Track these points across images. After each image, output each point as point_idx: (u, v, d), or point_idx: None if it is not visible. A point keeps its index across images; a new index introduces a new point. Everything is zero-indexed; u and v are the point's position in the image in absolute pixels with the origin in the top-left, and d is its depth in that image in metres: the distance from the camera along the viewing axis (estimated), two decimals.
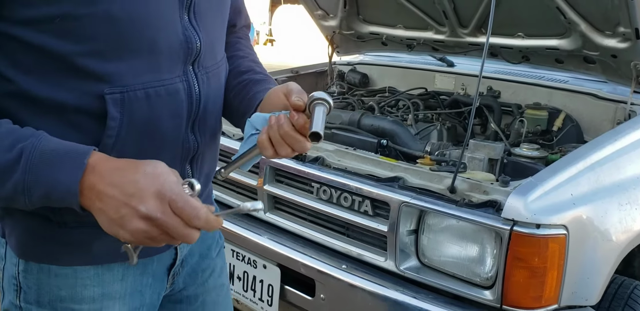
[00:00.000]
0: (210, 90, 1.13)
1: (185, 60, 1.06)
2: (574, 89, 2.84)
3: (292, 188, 2.29)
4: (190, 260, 1.29)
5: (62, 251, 1.07)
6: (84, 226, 1.03)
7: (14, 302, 1.11)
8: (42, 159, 0.86)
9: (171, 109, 1.04)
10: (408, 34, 3.34)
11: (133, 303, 1.16)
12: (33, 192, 0.86)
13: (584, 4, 2.49)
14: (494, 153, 2.14)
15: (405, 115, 2.94)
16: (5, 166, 0.85)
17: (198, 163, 1.16)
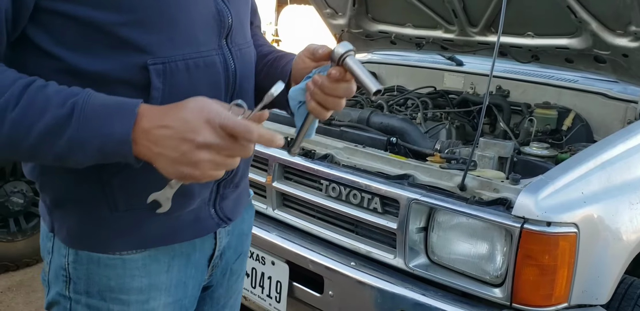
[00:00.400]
0: (244, 66, 1.16)
1: (219, 33, 1.09)
2: (584, 88, 2.83)
3: (301, 185, 2.29)
4: (227, 253, 1.31)
5: (114, 236, 1.09)
6: (134, 208, 1.07)
7: (63, 293, 1.13)
8: (94, 112, 0.88)
9: (209, 81, 1.08)
10: (417, 33, 3.34)
11: (177, 294, 1.19)
12: (87, 146, 0.88)
13: (595, 3, 2.48)
14: (504, 151, 2.13)
15: (414, 114, 2.94)
16: (59, 121, 0.87)
17: None
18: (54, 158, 0.91)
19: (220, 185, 1.19)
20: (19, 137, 0.88)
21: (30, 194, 3.47)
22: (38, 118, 0.87)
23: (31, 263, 3.58)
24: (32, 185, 3.47)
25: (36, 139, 0.88)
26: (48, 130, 0.87)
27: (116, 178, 1.05)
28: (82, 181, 1.05)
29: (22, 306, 3.20)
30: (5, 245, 3.41)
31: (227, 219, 1.23)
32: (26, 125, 0.87)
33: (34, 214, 3.54)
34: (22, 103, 0.87)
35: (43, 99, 0.88)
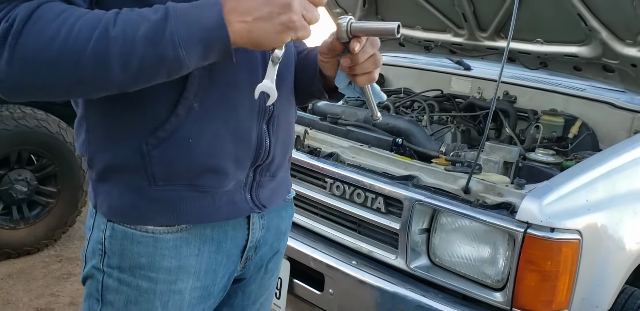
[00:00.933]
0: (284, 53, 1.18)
1: None
2: (592, 97, 2.83)
3: (306, 183, 2.29)
4: (263, 248, 1.33)
5: (151, 210, 1.13)
6: (173, 183, 1.12)
7: (97, 266, 1.18)
8: (183, 10, 0.94)
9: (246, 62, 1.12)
10: (426, 36, 3.34)
11: (206, 280, 1.22)
12: (188, 43, 0.93)
13: (606, 12, 2.48)
14: (509, 156, 2.14)
15: (420, 116, 2.94)
16: (158, 24, 0.92)
17: (274, 125, 1.21)
18: (159, 63, 0.94)
19: (256, 171, 1.22)
20: (125, 52, 0.91)
21: (34, 182, 3.48)
22: (138, 28, 0.92)
23: (32, 252, 3.60)
24: (36, 173, 3.49)
25: (142, 46, 0.91)
26: (150, 33, 0.91)
27: (156, 150, 1.09)
28: (124, 153, 1.11)
29: (22, 293, 3.21)
30: (7, 232, 3.42)
31: (262, 206, 1.25)
32: (130, 37, 0.91)
33: (37, 202, 3.55)
34: (119, 22, 0.92)
35: (137, 15, 0.93)
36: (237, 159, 1.16)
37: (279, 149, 1.25)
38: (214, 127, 1.11)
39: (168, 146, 1.09)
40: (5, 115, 3.30)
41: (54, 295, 3.23)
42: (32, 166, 3.50)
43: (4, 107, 3.34)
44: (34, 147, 3.43)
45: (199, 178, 1.13)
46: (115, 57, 0.91)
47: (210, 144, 1.11)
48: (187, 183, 1.13)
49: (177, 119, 1.08)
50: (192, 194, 1.14)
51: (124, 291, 1.17)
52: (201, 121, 1.10)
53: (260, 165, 1.22)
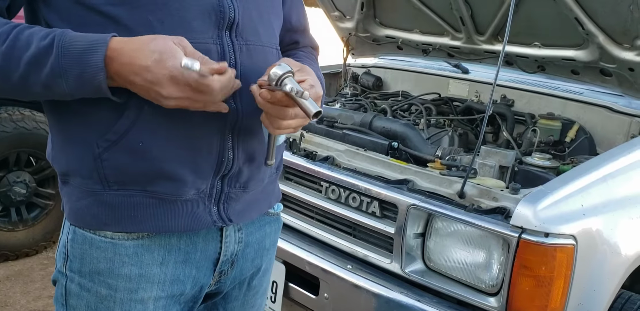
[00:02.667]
0: (252, 63, 1.17)
1: (217, 24, 1.11)
2: (589, 101, 2.82)
3: (301, 186, 2.30)
4: (240, 263, 1.30)
5: (106, 214, 1.12)
6: (126, 188, 1.10)
7: (61, 270, 1.18)
8: (71, 43, 0.96)
9: None
10: (424, 39, 3.34)
11: (172, 290, 1.19)
12: (69, 73, 0.96)
13: (603, 16, 2.48)
14: (505, 161, 2.13)
15: (417, 119, 2.94)
16: (42, 51, 0.96)
17: (240, 135, 1.17)
18: (42, 87, 0.98)
19: (223, 182, 1.18)
20: (10, 69, 0.96)
21: (32, 184, 3.48)
22: (25, 50, 0.96)
23: (30, 254, 3.60)
24: (35, 175, 3.49)
25: (25, 69, 0.96)
26: (34, 59, 0.96)
27: (107, 153, 1.08)
28: (78, 156, 1.10)
29: (20, 295, 3.21)
30: (5, 234, 3.42)
31: (227, 220, 1.21)
32: (16, 56, 0.96)
33: (36, 204, 3.55)
34: (11, 38, 0.96)
35: (28, 35, 0.97)
36: (195, 166, 1.12)
37: (248, 160, 1.20)
38: (167, 132, 1.09)
39: (119, 149, 1.08)
40: (3, 117, 3.30)
41: (52, 297, 3.22)
42: (31, 168, 3.50)
43: (3, 109, 3.34)
44: (32, 149, 3.43)
45: (154, 184, 1.10)
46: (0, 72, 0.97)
47: (163, 148, 1.09)
48: (141, 188, 1.11)
49: (127, 121, 1.07)
50: (147, 200, 1.11)
51: (85, 297, 1.15)
52: (152, 124, 1.07)
53: (226, 175, 1.18)
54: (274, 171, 1.34)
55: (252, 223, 1.31)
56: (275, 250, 1.44)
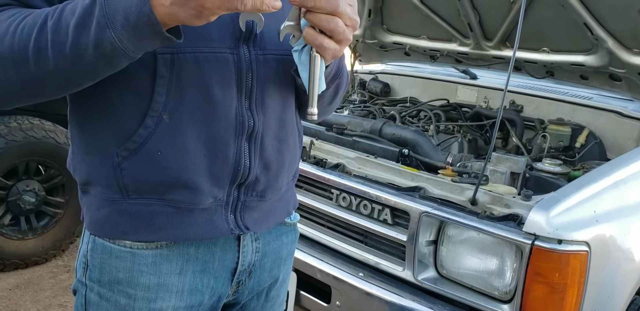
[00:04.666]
0: (269, 71, 1.15)
1: (234, 34, 1.10)
2: (598, 106, 2.82)
3: (312, 194, 2.29)
4: (258, 273, 1.29)
5: (126, 224, 1.12)
6: (145, 196, 1.10)
7: (81, 279, 1.18)
8: None
9: (219, 76, 1.09)
10: (432, 45, 3.35)
11: (191, 300, 1.18)
12: (114, 21, 0.89)
13: (612, 21, 2.48)
14: (516, 167, 2.13)
15: (426, 126, 2.94)
16: (87, 10, 0.91)
17: (257, 143, 1.16)
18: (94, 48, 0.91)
19: (240, 190, 1.18)
20: (60, 39, 0.91)
21: (42, 193, 3.49)
22: (71, 17, 0.91)
23: (40, 262, 3.61)
24: (44, 184, 3.50)
25: (74, 34, 0.91)
26: (80, 21, 0.91)
27: (126, 162, 1.08)
28: (98, 165, 1.10)
29: (30, 304, 3.21)
30: (15, 243, 3.43)
31: (244, 228, 1.20)
32: (64, 26, 0.91)
33: (45, 213, 3.56)
34: (58, 12, 0.93)
35: (73, 4, 0.93)
36: (212, 175, 1.12)
37: (265, 169, 1.19)
38: (184, 141, 1.09)
39: (137, 158, 1.08)
40: (13, 126, 3.31)
41: (62, 305, 3.23)
42: (40, 176, 3.51)
43: (12, 118, 3.36)
44: (42, 158, 3.44)
45: (171, 193, 1.10)
46: (51, 46, 0.91)
47: (181, 158, 1.09)
48: (159, 197, 1.10)
49: (146, 131, 1.07)
50: (165, 209, 1.11)
51: (104, 306, 1.15)
52: (171, 133, 1.08)
53: (242, 183, 1.17)
54: (291, 178, 1.34)
55: (269, 233, 1.30)
56: (292, 261, 1.43)
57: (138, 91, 1.06)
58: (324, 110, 1.35)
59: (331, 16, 0.96)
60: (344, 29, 0.98)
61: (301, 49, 1.05)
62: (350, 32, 1.01)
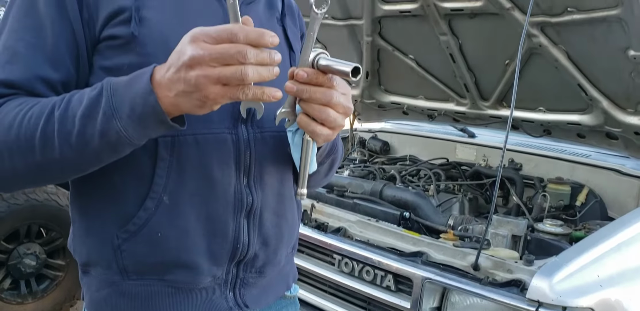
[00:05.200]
0: (267, 149, 1.17)
1: (233, 115, 1.12)
2: (597, 164, 2.85)
3: (313, 259, 2.28)
4: None
5: (126, 305, 1.12)
6: (145, 278, 1.10)
7: None
8: (118, 85, 0.94)
9: (219, 156, 1.10)
10: (429, 105, 3.39)
11: None
12: (120, 111, 0.92)
13: (605, 82, 2.53)
14: (517, 230, 2.13)
15: (426, 185, 2.95)
16: (93, 101, 0.93)
17: (255, 219, 1.17)
18: (99, 137, 0.94)
19: (238, 268, 1.18)
20: (67, 129, 0.94)
21: (43, 256, 3.47)
22: (78, 107, 0.94)
23: None
24: (45, 246, 3.49)
25: (80, 124, 0.93)
26: (87, 111, 0.93)
27: (126, 244, 1.09)
28: (98, 247, 1.11)
29: None
30: (14, 308, 3.38)
31: (244, 306, 1.20)
32: (70, 116, 0.94)
33: (46, 276, 3.53)
34: (65, 102, 0.96)
35: (80, 94, 0.96)
36: (211, 254, 1.12)
37: (264, 245, 1.20)
38: (184, 221, 1.09)
39: (138, 239, 1.08)
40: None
41: None
42: (41, 239, 3.50)
43: None
44: (43, 221, 3.43)
45: (170, 273, 1.11)
46: (57, 136, 0.94)
47: (181, 238, 1.09)
48: (158, 278, 1.11)
49: (146, 213, 1.08)
50: (164, 289, 1.12)
51: None
52: (171, 214, 1.08)
53: (241, 261, 1.17)
54: (290, 251, 1.34)
55: (269, 308, 1.30)
56: None
57: (139, 174, 1.07)
58: (319, 182, 1.39)
59: (324, 107, 1.00)
60: (336, 118, 1.02)
61: (295, 130, 1.09)
62: (343, 118, 1.05)
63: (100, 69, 1.05)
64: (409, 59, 3.16)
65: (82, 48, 1.04)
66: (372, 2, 2.88)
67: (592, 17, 2.26)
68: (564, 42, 2.49)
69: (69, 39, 1.03)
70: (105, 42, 1.04)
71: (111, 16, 1.03)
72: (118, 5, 1.03)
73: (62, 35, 1.02)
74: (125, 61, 1.03)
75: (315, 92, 0.99)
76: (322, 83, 0.99)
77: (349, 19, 3.11)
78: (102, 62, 1.05)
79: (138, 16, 1.03)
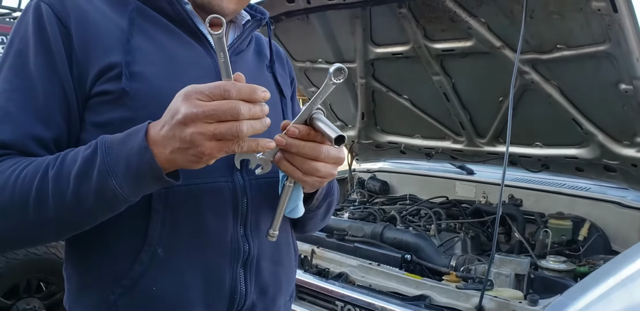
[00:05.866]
0: (262, 195, 1.16)
1: (228, 164, 1.10)
2: (597, 197, 2.83)
3: (316, 306, 2.25)
4: None
5: None
6: None
7: None
8: (112, 142, 0.94)
9: (214, 205, 1.09)
10: (426, 144, 3.40)
11: None
12: (116, 169, 0.91)
13: (600, 116, 2.54)
14: (520, 269, 2.11)
15: (427, 225, 2.93)
16: (87, 160, 0.93)
17: (252, 268, 1.16)
18: (95, 196, 0.93)
19: None
20: (61, 189, 0.93)
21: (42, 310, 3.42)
22: (72, 166, 0.93)
23: None
24: (45, 301, 3.44)
25: (75, 183, 0.92)
26: (82, 170, 0.92)
27: (121, 299, 1.06)
28: (93, 304, 1.08)
29: None
30: None
31: None
32: (65, 175, 0.93)
33: None
34: (59, 161, 0.95)
35: (73, 153, 0.96)
36: (208, 306, 1.10)
37: (262, 294, 1.18)
38: (179, 274, 1.08)
39: (133, 294, 1.06)
40: None
41: None
42: (41, 293, 3.46)
43: None
44: (43, 275, 3.40)
45: None
46: (52, 195, 0.93)
47: (176, 291, 1.07)
48: None
49: (141, 267, 1.06)
50: None
51: None
52: (166, 267, 1.07)
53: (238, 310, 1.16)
54: (288, 299, 1.32)
55: None
56: None
57: (132, 227, 1.05)
58: (317, 225, 1.36)
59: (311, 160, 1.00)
60: (325, 170, 1.02)
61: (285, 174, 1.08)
62: (335, 168, 1.04)
63: (92, 124, 1.05)
64: (404, 99, 3.18)
65: (72, 105, 1.04)
66: (364, 45, 2.91)
67: (581, 53, 2.28)
68: (555, 78, 2.51)
69: (60, 97, 1.03)
70: (96, 98, 1.04)
71: (101, 73, 1.03)
72: (108, 61, 1.03)
73: (53, 93, 1.03)
74: (116, 115, 1.03)
75: (303, 148, 0.99)
76: (312, 138, 0.99)
77: (342, 63, 3.13)
78: (94, 117, 1.05)
79: (129, 71, 1.04)
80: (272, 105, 1.23)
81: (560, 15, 2.18)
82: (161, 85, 1.05)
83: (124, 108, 1.03)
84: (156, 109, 0.96)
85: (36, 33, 1.03)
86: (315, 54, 3.17)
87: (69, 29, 1.03)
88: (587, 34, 2.18)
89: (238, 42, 1.21)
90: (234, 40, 1.22)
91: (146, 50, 1.08)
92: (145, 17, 1.10)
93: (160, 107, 0.94)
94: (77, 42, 1.03)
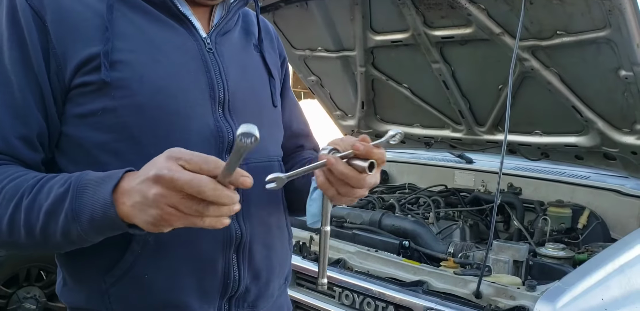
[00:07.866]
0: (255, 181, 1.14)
1: (218, 149, 1.10)
2: (597, 185, 2.82)
3: (314, 292, 2.25)
4: None
5: None
6: None
7: None
8: (85, 186, 0.92)
9: None
10: (425, 133, 3.39)
11: None
12: (81, 217, 0.91)
13: (600, 103, 2.53)
14: (518, 255, 2.10)
15: (426, 213, 2.93)
16: (58, 199, 0.92)
17: (245, 253, 1.15)
18: (62, 235, 0.93)
19: (230, 303, 1.16)
20: (31, 222, 0.93)
21: (42, 299, 3.43)
22: (45, 200, 0.93)
23: None
24: (45, 289, 3.45)
25: (44, 220, 0.93)
26: (51, 208, 0.92)
27: (113, 288, 1.06)
28: (86, 293, 1.08)
29: None
30: None
31: None
32: (37, 208, 0.93)
33: None
34: (35, 191, 0.94)
35: (50, 185, 0.95)
36: (201, 292, 1.10)
37: (255, 278, 1.18)
38: (171, 262, 1.07)
39: (124, 283, 1.06)
40: None
41: None
42: (41, 282, 3.46)
43: None
44: (42, 263, 3.41)
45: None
46: (24, 226, 0.94)
47: (169, 279, 1.07)
48: None
49: (132, 255, 1.05)
50: None
51: None
52: (157, 255, 1.06)
53: (233, 296, 1.15)
54: (282, 282, 1.31)
55: None
56: None
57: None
58: None
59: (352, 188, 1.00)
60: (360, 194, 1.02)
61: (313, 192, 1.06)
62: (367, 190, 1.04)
63: (74, 116, 1.04)
64: (403, 88, 3.17)
65: (48, 100, 1.03)
66: (363, 33, 2.90)
67: (582, 40, 2.27)
68: (555, 64, 2.50)
69: (36, 92, 1.02)
70: (76, 90, 1.03)
71: (81, 64, 1.02)
72: (87, 53, 1.01)
73: (29, 89, 1.01)
74: (98, 105, 1.03)
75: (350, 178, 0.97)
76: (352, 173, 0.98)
77: (342, 51, 3.13)
78: (75, 109, 1.04)
79: (109, 60, 1.02)
80: (260, 87, 1.21)
81: (561, 1, 2.16)
82: (144, 71, 1.04)
83: (106, 98, 1.02)
84: (140, 95, 0.96)
85: (10, 27, 1.01)
86: (314, 42, 3.16)
87: (44, 21, 1.01)
88: (587, 19, 2.17)
89: (224, 22, 1.19)
90: (219, 20, 1.20)
91: (128, 36, 1.06)
92: (126, 2, 1.08)
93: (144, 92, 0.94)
94: (54, 34, 1.01)
